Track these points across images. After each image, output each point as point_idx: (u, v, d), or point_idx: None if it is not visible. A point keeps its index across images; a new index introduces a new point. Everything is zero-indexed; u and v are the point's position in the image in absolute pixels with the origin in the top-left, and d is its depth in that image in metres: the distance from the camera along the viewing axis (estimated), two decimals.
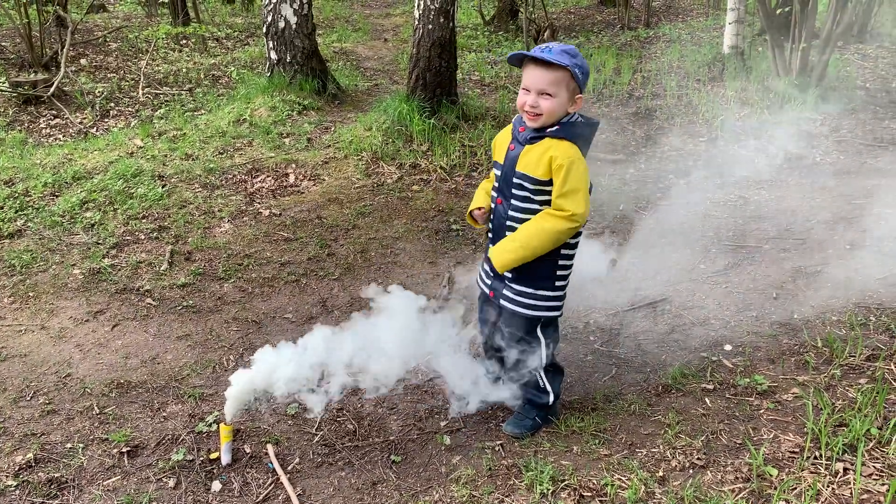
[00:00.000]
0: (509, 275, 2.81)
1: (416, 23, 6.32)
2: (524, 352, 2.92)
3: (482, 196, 2.98)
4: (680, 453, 2.91)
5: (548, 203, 2.68)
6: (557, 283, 2.79)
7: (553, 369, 3.04)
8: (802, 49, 7.47)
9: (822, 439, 2.84)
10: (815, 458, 2.80)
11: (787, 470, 2.76)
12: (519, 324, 2.87)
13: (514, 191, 2.73)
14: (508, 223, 2.78)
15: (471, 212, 2.97)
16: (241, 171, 5.67)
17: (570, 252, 2.78)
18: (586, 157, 2.70)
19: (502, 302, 2.88)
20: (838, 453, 2.79)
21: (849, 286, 4.16)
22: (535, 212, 2.71)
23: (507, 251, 2.69)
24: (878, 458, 2.79)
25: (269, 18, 7.20)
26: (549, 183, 2.64)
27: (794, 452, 2.85)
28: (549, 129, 2.64)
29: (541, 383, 3.00)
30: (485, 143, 6.17)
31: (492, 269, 2.88)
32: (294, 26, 7.12)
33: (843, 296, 4.07)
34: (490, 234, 2.92)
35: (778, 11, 7.80)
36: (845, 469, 2.74)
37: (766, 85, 7.69)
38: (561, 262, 2.76)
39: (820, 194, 5.61)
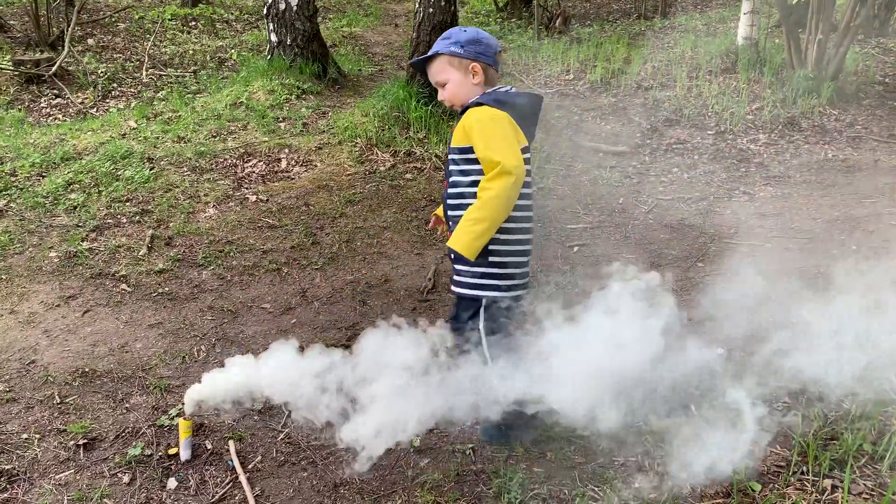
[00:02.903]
0: (452, 255, 2.67)
1: (417, 6, 6.16)
2: (468, 339, 2.71)
3: None
4: (659, 463, 2.76)
5: (478, 179, 2.53)
6: (492, 259, 2.59)
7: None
8: (819, 41, 7.22)
9: (809, 453, 2.68)
10: (802, 473, 2.65)
11: (770, 486, 2.60)
12: (462, 306, 2.70)
13: (450, 167, 2.67)
14: (448, 201, 2.70)
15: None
16: (232, 155, 5.54)
17: (504, 225, 2.56)
18: (533, 131, 2.67)
19: (452, 287, 2.74)
20: (826, 469, 2.63)
21: (852, 287, 3.97)
22: (467, 187, 2.59)
23: (463, 232, 2.49)
24: (868, 476, 2.62)
25: (270, 0, 7.05)
26: (471, 150, 2.53)
27: (779, 467, 2.70)
28: (472, 101, 2.60)
29: (485, 357, 2.71)
30: None
31: (452, 258, 2.74)
32: (295, 8, 6.96)
33: (846, 298, 3.88)
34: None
35: (795, 1, 7.55)
36: (833, 486, 2.58)
37: (780, 77, 7.44)
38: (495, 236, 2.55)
39: (828, 192, 5.40)
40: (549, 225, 4.85)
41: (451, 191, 2.67)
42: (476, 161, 2.53)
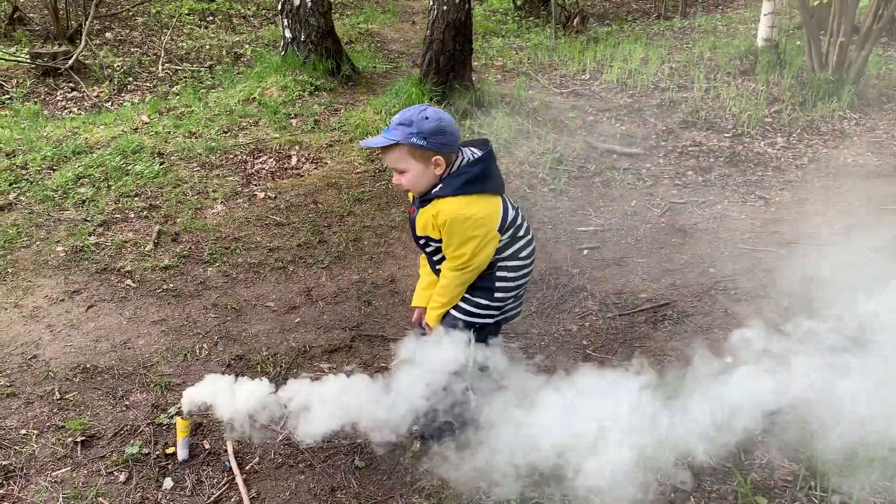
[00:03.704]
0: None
1: (431, 3, 6.10)
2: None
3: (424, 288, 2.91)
4: (664, 476, 2.69)
5: None
6: (497, 295, 2.68)
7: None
8: (840, 43, 7.09)
9: (818, 467, 2.61)
10: (810, 488, 2.58)
11: (777, 500, 2.54)
12: (452, 324, 2.73)
13: (426, 249, 2.72)
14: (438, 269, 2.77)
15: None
16: (243, 151, 5.52)
17: (512, 264, 2.66)
18: (499, 176, 2.60)
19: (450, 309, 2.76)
20: (836, 484, 2.56)
21: (870, 296, 3.87)
22: None
23: (432, 309, 2.74)
24: (879, 492, 2.55)
25: None
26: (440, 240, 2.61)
27: (786, 481, 2.63)
28: (434, 191, 2.53)
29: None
30: (496, 131, 5.93)
31: None
32: (309, 4, 6.93)
33: (862, 307, 3.79)
34: None
35: (815, 3, 7.42)
36: (843, 502, 2.51)
37: (799, 80, 7.33)
38: (500, 274, 2.65)
39: (846, 198, 5.30)
40: (560, 227, 4.78)
41: (437, 267, 2.73)
42: None
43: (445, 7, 5.97)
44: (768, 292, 3.99)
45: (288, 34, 7.12)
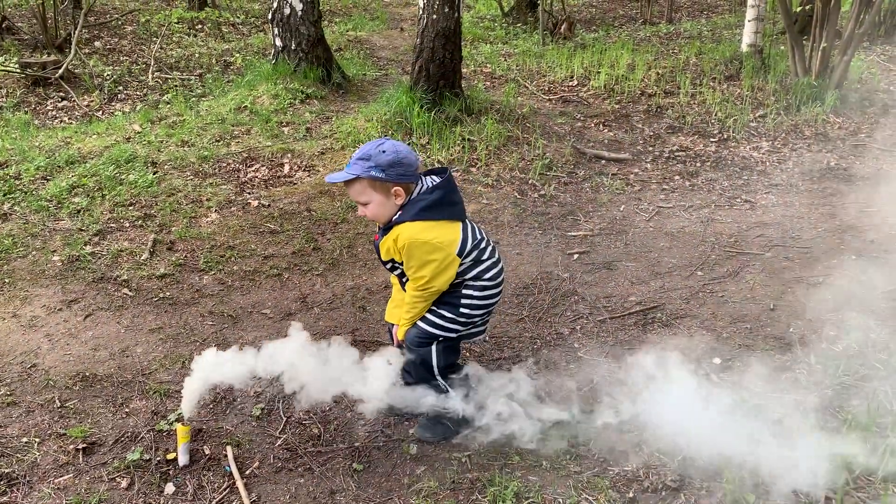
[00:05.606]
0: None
1: (421, 12, 6.17)
2: (417, 363, 2.92)
3: (396, 306, 3.07)
4: (654, 473, 2.77)
5: None
6: (462, 311, 2.83)
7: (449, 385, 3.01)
8: (823, 49, 7.21)
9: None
10: (797, 483, 2.65)
11: (765, 498, 2.61)
12: (416, 334, 2.88)
13: (395, 272, 2.89)
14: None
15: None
16: (235, 159, 5.57)
17: (478, 284, 2.81)
18: (460, 203, 2.79)
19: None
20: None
21: (851, 299, 3.97)
22: None
23: (402, 324, 2.92)
24: (862, 488, 2.63)
25: (275, 4, 7.09)
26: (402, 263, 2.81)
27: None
28: (394, 218, 2.71)
29: (442, 387, 2.97)
30: (486, 137, 6.01)
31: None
32: (300, 13, 6.99)
33: (845, 309, 3.88)
34: None
35: (798, 9, 7.54)
36: (827, 497, 2.59)
37: (784, 85, 7.45)
38: (465, 292, 2.82)
39: (830, 201, 5.40)
40: (550, 232, 4.86)
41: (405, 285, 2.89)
42: None
43: (435, 16, 6.04)
44: (755, 295, 4.08)
45: (278, 42, 7.18)
